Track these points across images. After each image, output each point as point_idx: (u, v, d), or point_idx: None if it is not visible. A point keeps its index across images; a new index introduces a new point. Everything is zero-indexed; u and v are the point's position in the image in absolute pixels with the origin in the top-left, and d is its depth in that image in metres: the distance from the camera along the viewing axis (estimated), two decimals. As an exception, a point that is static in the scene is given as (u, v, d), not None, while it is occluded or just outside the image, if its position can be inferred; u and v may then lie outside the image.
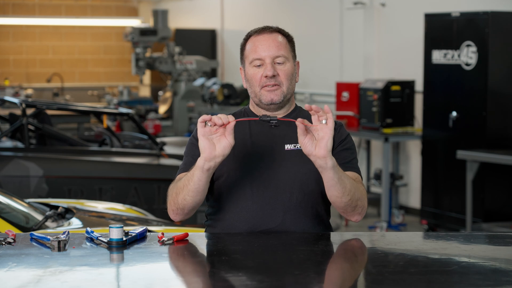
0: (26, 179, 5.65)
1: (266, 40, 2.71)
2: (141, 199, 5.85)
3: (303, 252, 2.40)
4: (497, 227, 6.40)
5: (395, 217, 7.78)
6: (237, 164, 2.66)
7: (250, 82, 2.72)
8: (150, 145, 6.54)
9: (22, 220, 3.92)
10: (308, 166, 2.57)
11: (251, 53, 2.71)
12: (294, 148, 2.68)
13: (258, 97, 2.71)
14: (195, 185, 2.55)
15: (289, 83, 2.71)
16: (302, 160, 2.59)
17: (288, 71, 2.70)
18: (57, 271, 2.17)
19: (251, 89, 2.73)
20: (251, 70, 2.71)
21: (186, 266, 2.35)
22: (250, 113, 2.79)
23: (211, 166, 2.51)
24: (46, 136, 6.20)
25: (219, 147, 2.49)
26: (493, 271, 2.20)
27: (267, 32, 2.73)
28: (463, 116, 6.85)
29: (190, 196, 2.57)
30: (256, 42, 2.72)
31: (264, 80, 2.68)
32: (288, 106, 2.77)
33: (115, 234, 2.42)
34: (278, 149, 2.69)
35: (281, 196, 2.65)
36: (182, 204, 2.60)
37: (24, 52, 13.81)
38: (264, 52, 2.69)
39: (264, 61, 2.69)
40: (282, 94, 2.69)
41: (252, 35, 2.74)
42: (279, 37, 2.73)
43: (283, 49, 2.71)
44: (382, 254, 2.44)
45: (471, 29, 6.75)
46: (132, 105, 10.78)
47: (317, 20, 9.72)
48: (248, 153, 2.68)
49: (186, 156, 2.74)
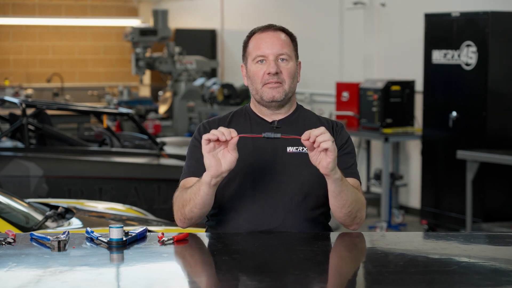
0: (26, 179, 5.65)
1: (270, 37, 2.70)
2: (141, 199, 5.85)
3: (303, 252, 2.40)
4: (497, 227, 6.40)
5: (395, 217, 7.78)
6: (239, 167, 2.64)
7: (252, 79, 2.71)
8: (150, 145, 6.54)
9: (22, 220, 3.91)
10: (310, 169, 2.57)
11: (254, 50, 2.71)
12: (296, 151, 2.68)
13: (260, 94, 2.70)
14: (202, 199, 2.56)
15: (291, 82, 2.70)
16: (304, 163, 2.59)
17: (291, 70, 2.70)
18: (57, 271, 2.17)
19: (252, 86, 2.72)
20: (253, 67, 2.70)
21: (186, 266, 2.35)
22: (250, 112, 2.78)
23: (218, 181, 2.53)
24: (46, 136, 6.20)
25: (224, 163, 2.48)
26: (493, 271, 2.20)
27: (271, 30, 2.73)
28: (463, 116, 6.85)
29: (198, 208, 2.59)
30: (260, 39, 2.71)
31: (267, 77, 2.67)
32: (289, 106, 2.77)
33: (115, 234, 2.42)
34: (280, 152, 2.68)
35: (282, 198, 2.65)
36: (189, 216, 2.62)
37: (24, 52, 13.80)
38: (267, 49, 2.68)
39: (267, 58, 2.68)
40: (284, 92, 2.69)
41: (256, 33, 2.74)
42: (283, 36, 2.73)
43: (286, 47, 2.70)
44: (382, 254, 2.44)
45: (471, 29, 6.74)
46: (132, 105, 10.78)
47: (317, 20, 9.71)
48: (250, 156, 2.68)
49: (189, 160, 2.74)
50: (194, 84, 10.57)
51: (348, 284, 2.17)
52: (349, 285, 2.17)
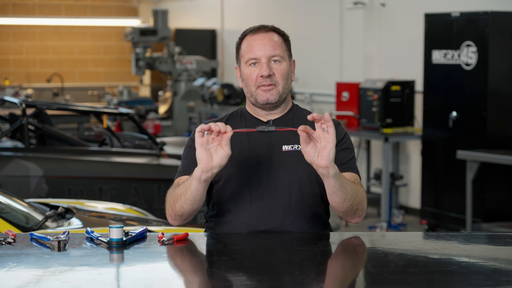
0: (26, 179, 5.65)
1: (262, 39, 2.69)
2: (141, 199, 5.85)
3: (303, 252, 2.41)
4: (497, 227, 6.40)
5: (395, 217, 7.78)
6: (235, 167, 2.65)
7: (246, 81, 2.71)
8: (150, 145, 6.54)
9: (22, 220, 3.92)
10: (306, 168, 2.56)
11: (246, 52, 2.70)
12: (292, 149, 2.68)
13: (254, 97, 2.70)
14: (192, 195, 2.55)
15: (284, 83, 2.70)
16: (300, 161, 2.58)
17: (284, 71, 2.69)
18: (57, 271, 2.17)
19: (247, 89, 2.72)
20: (246, 69, 2.70)
21: (186, 266, 2.35)
22: (246, 114, 2.79)
23: (208, 177, 2.51)
24: (46, 136, 6.20)
25: (216, 158, 2.47)
26: (493, 271, 2.20)
27: (263, 31, 2.72)
28: (463, 116, 6.85)
29: (188, 204, 2.58)
30: (252, 41, 2.70)
31: (260, 80, 2.67)
32: (284, 106, 2.77)
33: (115, 234, 2.42)
34: (276, 150, 2.68)
35: (280, 197, 2.65)
36: (180, 212, 2.61)
37: (24, 52, 13.80)
38: (259, 52, 2.68)
39: (260, 61, 2.68)
40: (278, 94, 2.69)
41: (248, 34, 2.73)
42: (275, 36, 2.72)
43: (278, 49, 2.70)
44: (382, 254, 2.44)
45: (471, 29, 6.74)
46: (132, 105, 10.78)
47: (317, 20, 9.71)
48: (246, 155, 2.68)
49: (184, 159, 2.74)
50: (194, 84, 10.57)
51: (348, 285, 2.17)
52: (349, 285, 2.17)
